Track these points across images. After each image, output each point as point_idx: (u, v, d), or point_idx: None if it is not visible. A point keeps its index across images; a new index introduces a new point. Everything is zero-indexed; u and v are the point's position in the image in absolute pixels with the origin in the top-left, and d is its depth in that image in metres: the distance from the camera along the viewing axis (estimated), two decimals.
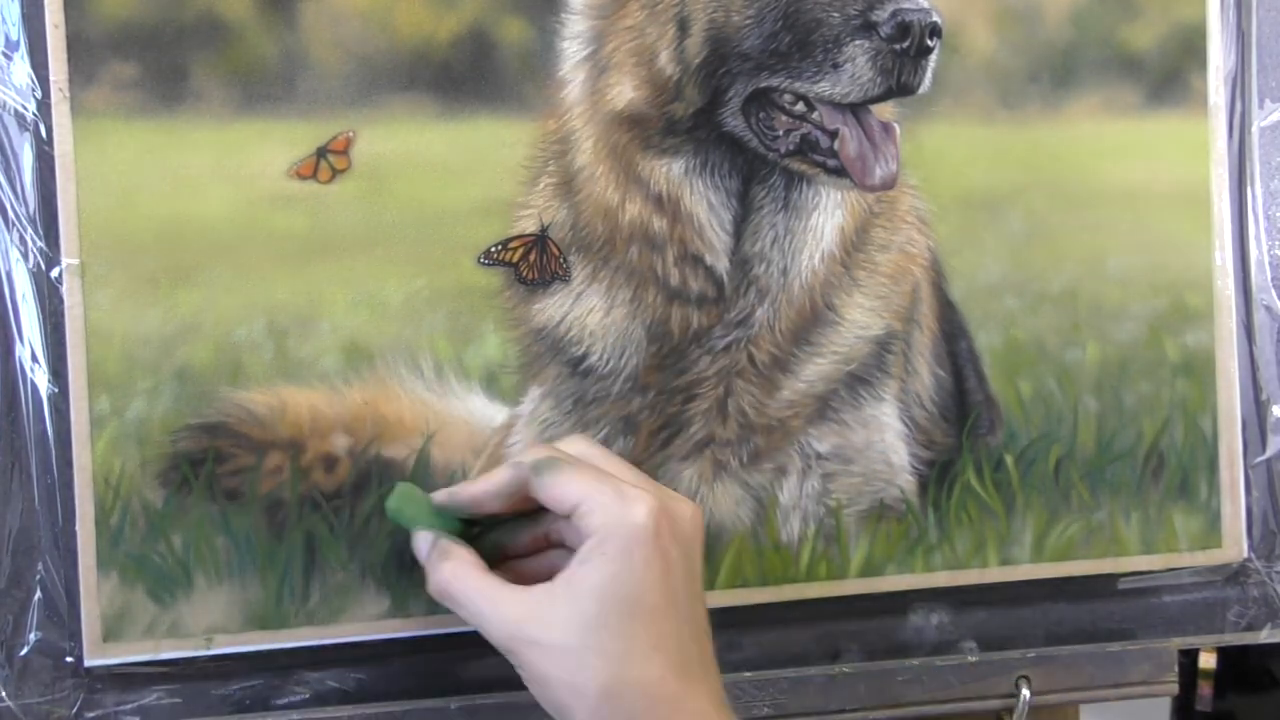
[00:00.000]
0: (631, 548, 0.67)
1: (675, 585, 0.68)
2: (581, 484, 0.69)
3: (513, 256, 0.79)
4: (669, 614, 0.68)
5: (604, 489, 0.69)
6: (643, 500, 0.68)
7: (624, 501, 0.68)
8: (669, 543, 0.68)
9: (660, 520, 0.68)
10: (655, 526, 0.68)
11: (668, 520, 0.69)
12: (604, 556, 0.68)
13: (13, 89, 0.74)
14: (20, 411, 0.75)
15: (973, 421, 0.85)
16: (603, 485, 0.69)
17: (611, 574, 0.67)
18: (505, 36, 0.79)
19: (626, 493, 0.69)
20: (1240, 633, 0.89)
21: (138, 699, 0.76)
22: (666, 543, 0.68)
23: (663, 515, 0.69)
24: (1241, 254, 0.88)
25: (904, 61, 0.78)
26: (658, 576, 0.68)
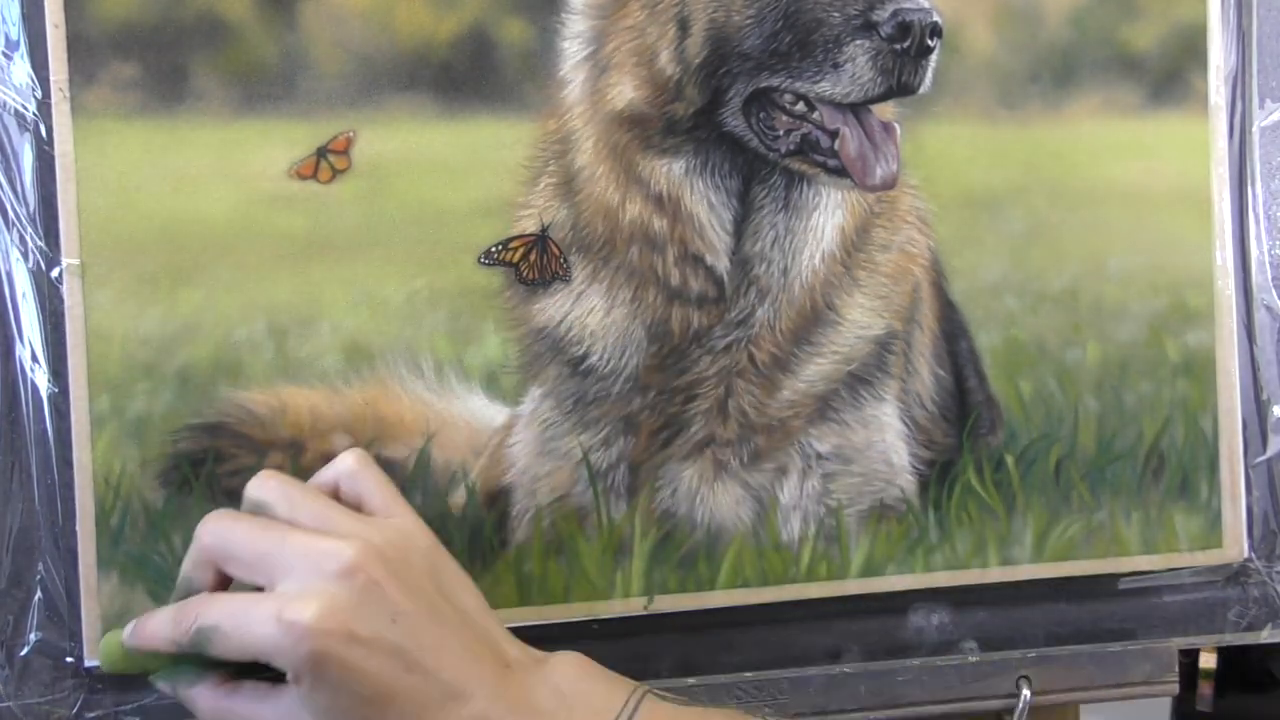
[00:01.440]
0: (320, 674, 0.65)
1: (400, 641, 0.66)
2: (239, 640, 0.66)
3: (513, 256, 0.79)
4: (404, 674, 0.66)
5: (263, 629, 0.65)
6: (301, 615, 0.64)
7: (288, 633, 0.64)
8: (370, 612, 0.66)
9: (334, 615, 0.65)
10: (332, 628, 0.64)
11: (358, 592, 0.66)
12: (306, 689, 0.65)
13: (13, 89, 0.74)
14: (20, 411, 0.75)
15: (973, 421, 0.85)
16: (262, 622, 0.65)
17: (325, 700, 0.66)
18: (505, 36, 0.79)
19: (288, 619, 0.64)
20: (1240, 633, 0.89)
21: (138, 699, 0.76)
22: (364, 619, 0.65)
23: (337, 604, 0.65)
24: (1242, 254, 0.88)
25: (904, 61, 0.78)
26: (364, 669, 0.65)
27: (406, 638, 0.66)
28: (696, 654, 0.82)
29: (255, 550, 0.67)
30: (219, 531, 0.69)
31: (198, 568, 0.69)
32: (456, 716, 0.66)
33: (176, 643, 0.68)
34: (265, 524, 0.69)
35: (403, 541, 0.68)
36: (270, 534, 0.68)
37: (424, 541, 0.70)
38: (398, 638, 0.66)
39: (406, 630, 0.66)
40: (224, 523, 0.69)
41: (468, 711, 0.67)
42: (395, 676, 0.66)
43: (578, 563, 0.80)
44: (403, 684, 0.66)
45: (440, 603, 0.68)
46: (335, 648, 0.65)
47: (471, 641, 0.68)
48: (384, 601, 0.66)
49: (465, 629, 0.69)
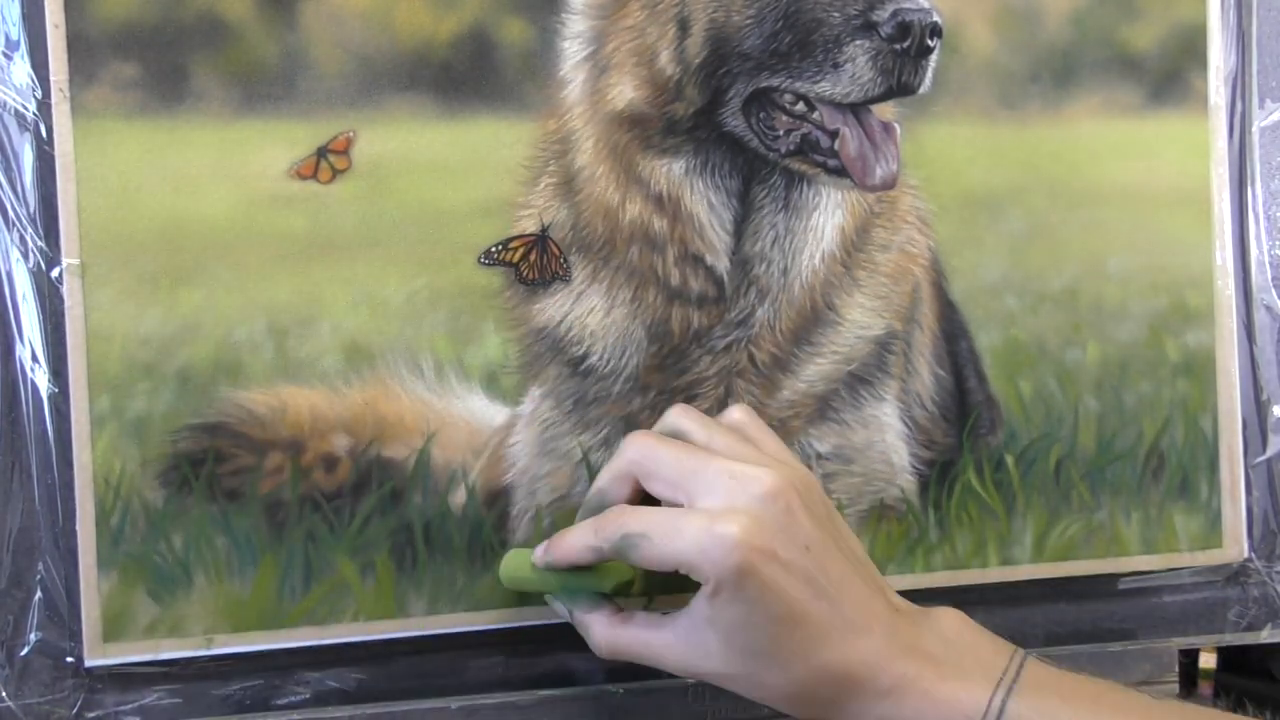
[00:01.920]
0: (742, 587, 0.67)
1: (812, 569, 0.69)
2: (666, 547, 0.69)
3: (513, 256, 0.79)
4: (814, 600, 0.68)
5: (693, 538, 0.68)
6: (730, 528, 0.67)
7: (718, 544, 0.67)
8: (789, 536, 0.68)
9: (760, 533, 0.68)
10: (759, 544, 0.67)
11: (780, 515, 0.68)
12: (723, 602, 0.68)
13: (13, 89, 0.74)
14: (20, 411, 0.75)
15: (973, 421, 0.85)
16: (692, 533, 0.68)
17: (739, 615, 0.68)
18: (505, 36, 0.79)
19: (718, 531, 0.67)
20: (1240, 633, 0.89)
21: (138, 699, 0.76)
22: (784, 542, 0.68)
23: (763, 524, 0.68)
24: (1242, 254, 0.88)
25: (904, 61, 0.78)
26: (783, 588, 0.68)
27: (817, 566, 0.69)
28: None
29: (681, 468, 0.70)
30: (646, 448, 0.72)
31: (617, 480, 0.73)
32: (854, 648, 0.69)
33: (599, 550, 0.71)
34: (688, 447, 0.72)
35: (807, 480, 0.72)
36: (696, 455, 0.71)
37: (819, 485, 0.73)
38: (810, 564, 0.69)
39: (817, 559, 0.69)
40: (649, 440, 0.72)
41: (865, 645, 0.69)
42: (806, 600, 0.68)
43: None
44: (812, 609, 0.68)
45: (842, 541, 0.71)
46: (760, 563, 0.67)
47: (868, 581, 0.71)
48: (800, 529, 0.69)
49: (862, 568, 0.72)
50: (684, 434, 0.73)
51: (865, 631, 0.69)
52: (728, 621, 0.68)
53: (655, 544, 0.69)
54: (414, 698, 0.79)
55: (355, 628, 0.77)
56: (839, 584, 0.69)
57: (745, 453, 0.72)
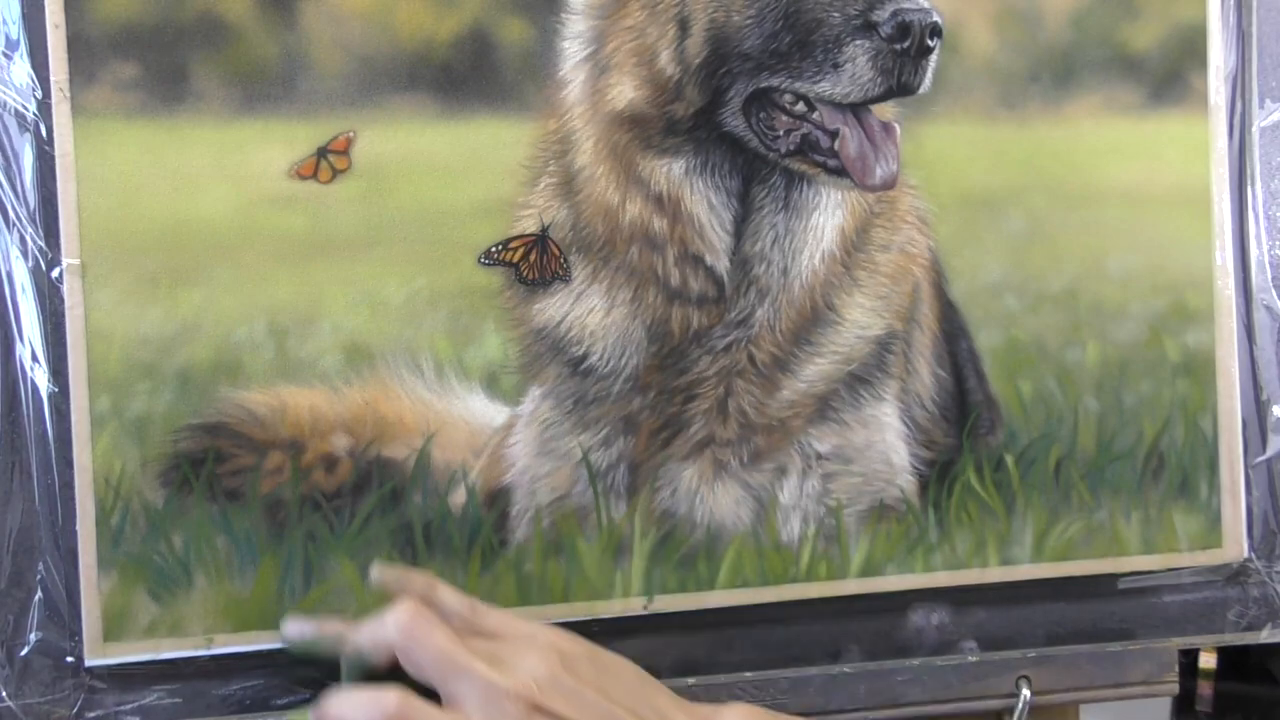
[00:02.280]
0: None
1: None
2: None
3: (513, 256, 0.79)
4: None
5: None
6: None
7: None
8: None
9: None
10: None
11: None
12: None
13: (13, 89, 0.74)
14: (20, 411, 0.75)
15: (973, 421, 0.85)
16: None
17: None
18: (505, 36, 0.79)
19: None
20: (1240, 633, 0.89)
21: (138, 699, 0.76)
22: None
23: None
24: (1242, 254, 0.88)
25: (904, 61, 0.78)
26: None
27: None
28: (696, 654, 0.82)
29: (440, 673, 0.70)
30: (412, 636, 0.70)
31: (379, 649, 0.72)
32: None
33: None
34: (453, 644, 0.70)
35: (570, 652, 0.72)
36: (457, 660, 0.70)
37: (581, 648, 0.73)
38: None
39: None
40: (418, 626, 0.71)
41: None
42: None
43: (578, 563, 0.80)
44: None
45: (603, 702, 0.71)
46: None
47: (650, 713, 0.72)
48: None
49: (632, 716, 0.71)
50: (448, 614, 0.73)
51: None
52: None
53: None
54: None
55: None
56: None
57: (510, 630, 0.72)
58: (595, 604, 0.80)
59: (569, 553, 0.80)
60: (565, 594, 0.80)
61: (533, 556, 0.80)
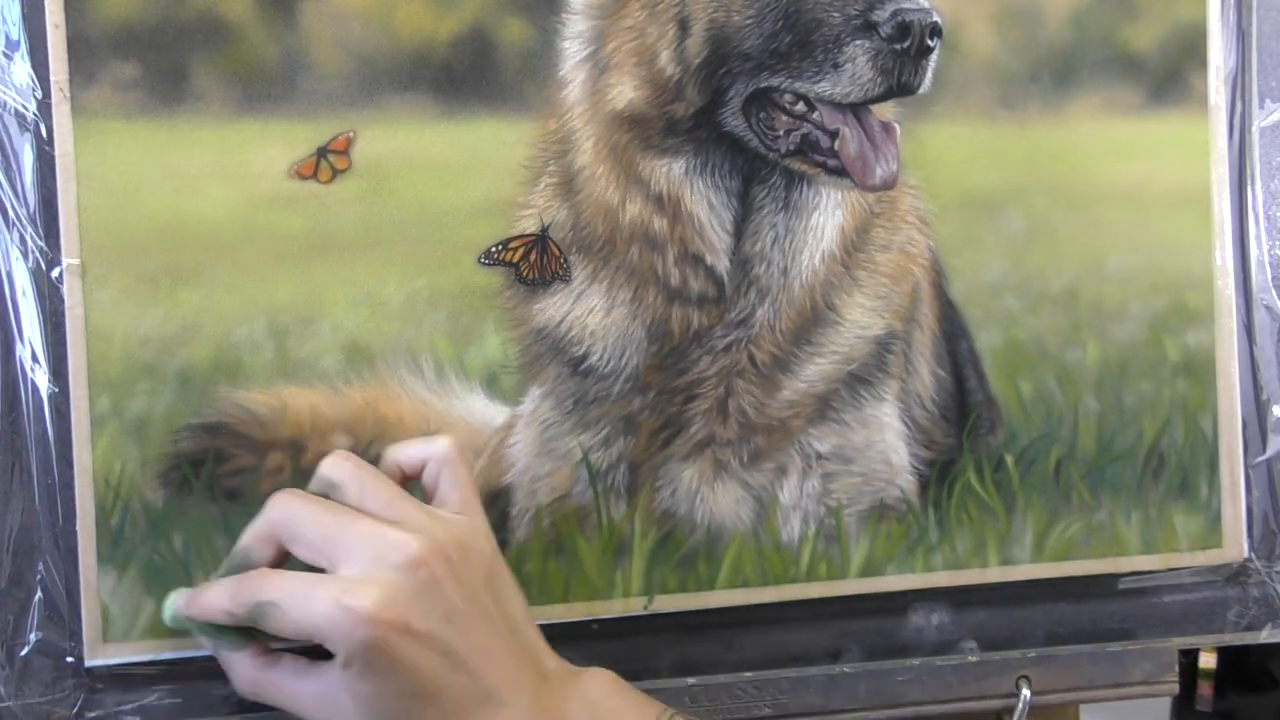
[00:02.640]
0: (371, 661, 0.66)
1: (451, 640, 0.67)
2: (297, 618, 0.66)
3: (513, 256, 0.79)
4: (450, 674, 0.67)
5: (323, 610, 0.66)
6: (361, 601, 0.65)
7: (346, 616, 0.65)
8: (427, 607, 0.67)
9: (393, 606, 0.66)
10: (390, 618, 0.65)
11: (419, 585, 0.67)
12: (354, 675, 0.66)
13: (13, 89, 0.74)
14: (20, 411, 0.75)
15: (973, 421, 0.85)
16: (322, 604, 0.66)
17: (370, 689, 0.66)
18: (505, 36, 0.79)
19: (347, 604, 0.65)
20: (1240, 633, 0.89)
21: (138, 699, 0.76)
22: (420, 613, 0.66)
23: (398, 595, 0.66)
24: (1242, 254, 0.88)
25: (904, 61, 0.78)
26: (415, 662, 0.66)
27: (457, 638, 0.67)
28: (696, 654, 0.82)
29: (322, 533, 0.68)
30: (288, 509, 0.69)
31: (260, 541, 0.70)
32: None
33: (232, 614, 0.69)
34: (334, 508, 0.69)
35: (467, 541, 0.70)
36: (339, 518, 0.68)
37: (485, 545, 0.71)
38: (450, 636, 0.67)
39: (459, 630, 0.67)
40: (294, 502, 0.69)
41: (503, 717, 0.68)
42: (441, 674, 0.67)
43: (578, 563, 0.80)
44: (447, 682, 0.67)
45: (491, 607, 0.69)
46: (390, 638, 0.66)
47: (516, 649, 0.70)
48: (442, 599, 0.67)
49: (511, 636, 0.70)
50: (337, 489, 0.70)
51: (505, 703, 0.68)
52: (360, 693, 0.67)
53: (286, 614, 0.66)
54: None
55: None
56: (482, 654, 0.68)
57: (399, 511, 0.69)
58: (595, 604, 0.80)
59: (569, 553, 0.80)
60: (565, 594, 0.80)
61: (533, 556, 0.80)
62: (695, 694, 0.81)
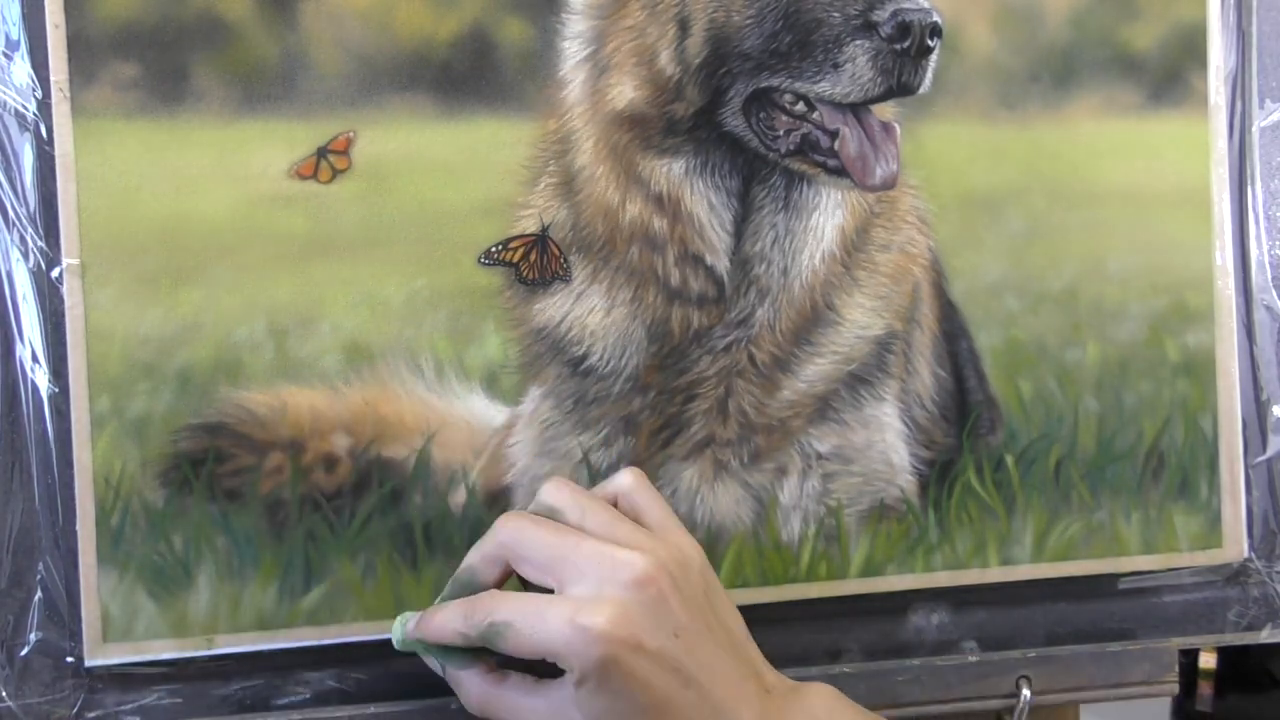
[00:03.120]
0: (606, 679, 0.67)
1: (680, 656, 0.68)
2: (532, 637, 0.68)
3: (513, 256, 0.79)
4: (681, 690, 0.68)
5: (557, 629, 0.67)
6: (595, 619, 0.66)
7: (581, 636, 0.66)
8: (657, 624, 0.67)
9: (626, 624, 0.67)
10: (624, 636, 0.66)
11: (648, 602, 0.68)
12: (587, 692, 0.67)
13: (13, 89, 0.74)
14: (21, 411, 0.75)
15: (973, 421, 0.85)
16: (556, 623, 0.67)
17: (603, 706, 0.67)
18: (505, 36, 0.79)
19: (582, 623, 0.67)
20: (1240, 633, 0.89)
21: (138, 699, 0.76)
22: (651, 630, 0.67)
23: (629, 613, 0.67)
24: (1242, 254, 0.88)
25: (904, 61, 0.78)
26: (647, 679, 0.67)
27: (686, 653, 0.68)
28: None
29: (550, 554, 0.69)
30: (517, 531, 0.71)
31: (487, 562, 0.71)
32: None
33: (465, 636, 0.70)
34: (561, 529, 0.70)
35: (684, 559, 0.71)
36: (566, 539, 0.70)
37: (699, 560, 0.72)
38: (678, 652, 0.68)
39: (686, 646, 0.68)
40: (522, 523, 0.71)
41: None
42: (673, 690, 0.68)
43: None
44: (677, 698, 0.68)
45: (714, 622, 0.71)
46: (624, 655, 0.67)
47: (739, 664, 0.71)
48: (669, 615, 0.68)
49: (734, 650, 0.71)
50: (557, 512, 0.71)
51: (733, 717, 0.69)
52: (593, 710, 0.68)
53: (520, 633, 0.68)
54: (414, 698, 0.79)
55: (355, 628, 0.77)
56: (709, 669, 0.69)
57: (619, 532, 0.70)
58: None
59: None
60: None
61: None
62: None
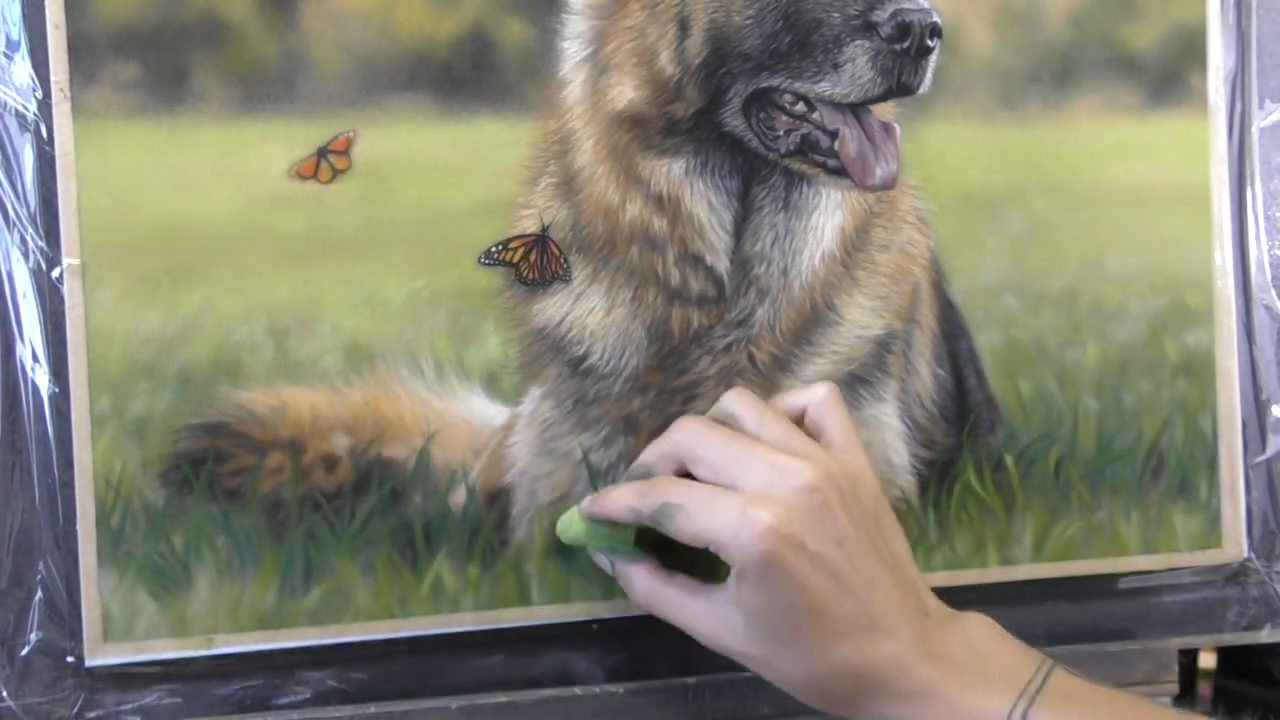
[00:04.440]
0: (766, 573, 0.68)
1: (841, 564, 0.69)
2: (700, 522, 0.70)
3: (513, 256, 0.79)
4: (839, 597, 0.69)
5: (725, 518, 0.69)
6: (762, 514, 0.68)
7: (747, 527, 0.68)
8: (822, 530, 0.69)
9: (792, 522, 0.68)
10: (788, 533, 0.68)
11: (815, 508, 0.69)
12: (748, 586, 0.69)
13: (13, 89, 0.74)
14: (21, 411, 0.75)
15: (973, 421, 0.85)
16: (725, 513, 0.69)
17: (762, 601, 0.69)
18: (505, 36, 0.79)
19: (750, 515, 0.68)
20: (1240, 633, 0.89)
21: (138, 699, 0.76)
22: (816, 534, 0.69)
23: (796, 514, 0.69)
24: (1241, 254, 0.88)
25: (904, 61, 0.78)
26: (807, 579, 0.69)
27: (848, 563, 0.70)
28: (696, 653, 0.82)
29: (723, 454, 0.72)
30: (693, 431, 0.73)
31: (663, 459, 0.74)
32: (877, 648, 0.70)
33: (639, 512, 0.72)
34: (735, 434, 0.73)
35: (856, 476, 0.73)
36: (740, 442, 0.72)
37: (872, 483, 0.74)
38: (840, 560, 0.69)
39: (849, 556, 0.70)
40: (698, 425, 0.74)
41: (888, 647, 0.70)
42: (831, 595, 0.69)
43: (577, 563, 0.80)
44: (836, 604, 0.69)
45: (879, 540, 0.72)
46: (787, 552, 0.68)
47: (901, 583, 0.72)
48: (835, 524, 0.70)
49: (896, 569, 0.72)
50: (736, 419, 0.74)
51: (890, 633, 0.70)
52: (752, 604, 0.69)
53: (690, 517, 0.70)
54: (414, 698, 0.79)
55: (355, 628, 0.77)
56: (869, 582, 0.70)
57: (795, 443, 0.72)
58: (595, 604, 0.80)
59: (569, 553, 0.80)
60: (565, 594, 0.80)
61: (533, 556, 0.80)
62: (696, 693, 0.81)
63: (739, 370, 0.82)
